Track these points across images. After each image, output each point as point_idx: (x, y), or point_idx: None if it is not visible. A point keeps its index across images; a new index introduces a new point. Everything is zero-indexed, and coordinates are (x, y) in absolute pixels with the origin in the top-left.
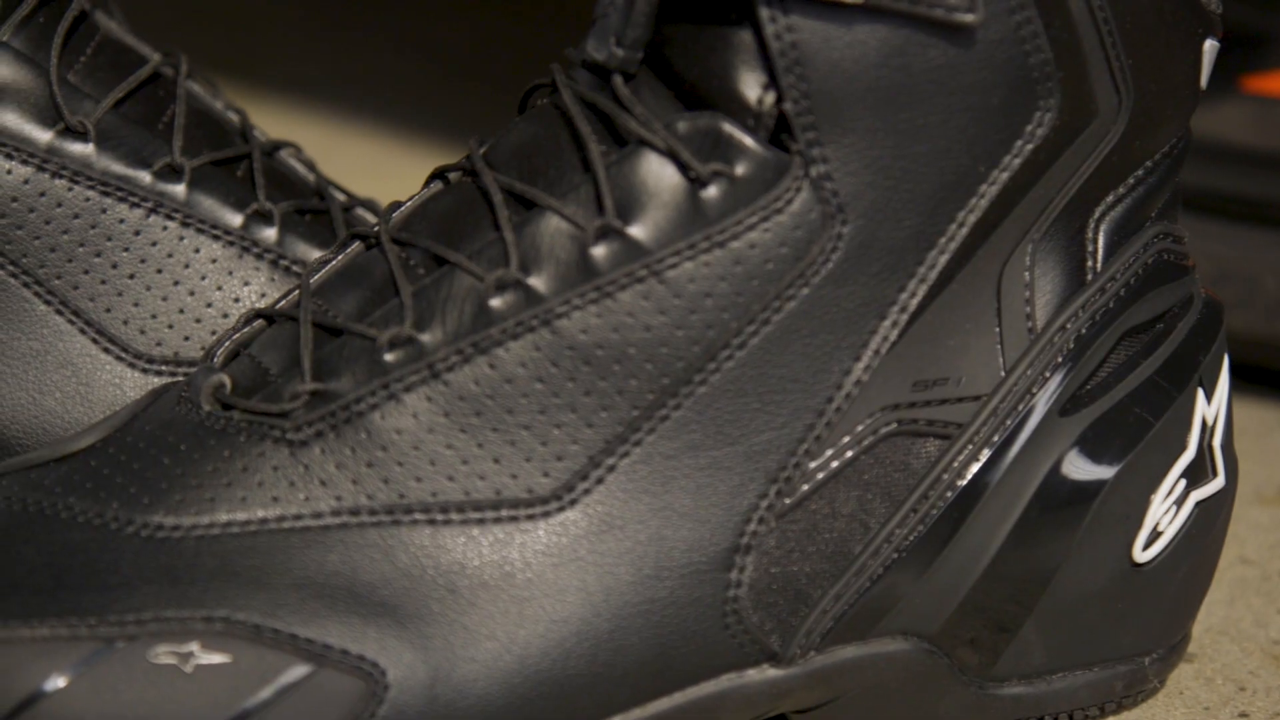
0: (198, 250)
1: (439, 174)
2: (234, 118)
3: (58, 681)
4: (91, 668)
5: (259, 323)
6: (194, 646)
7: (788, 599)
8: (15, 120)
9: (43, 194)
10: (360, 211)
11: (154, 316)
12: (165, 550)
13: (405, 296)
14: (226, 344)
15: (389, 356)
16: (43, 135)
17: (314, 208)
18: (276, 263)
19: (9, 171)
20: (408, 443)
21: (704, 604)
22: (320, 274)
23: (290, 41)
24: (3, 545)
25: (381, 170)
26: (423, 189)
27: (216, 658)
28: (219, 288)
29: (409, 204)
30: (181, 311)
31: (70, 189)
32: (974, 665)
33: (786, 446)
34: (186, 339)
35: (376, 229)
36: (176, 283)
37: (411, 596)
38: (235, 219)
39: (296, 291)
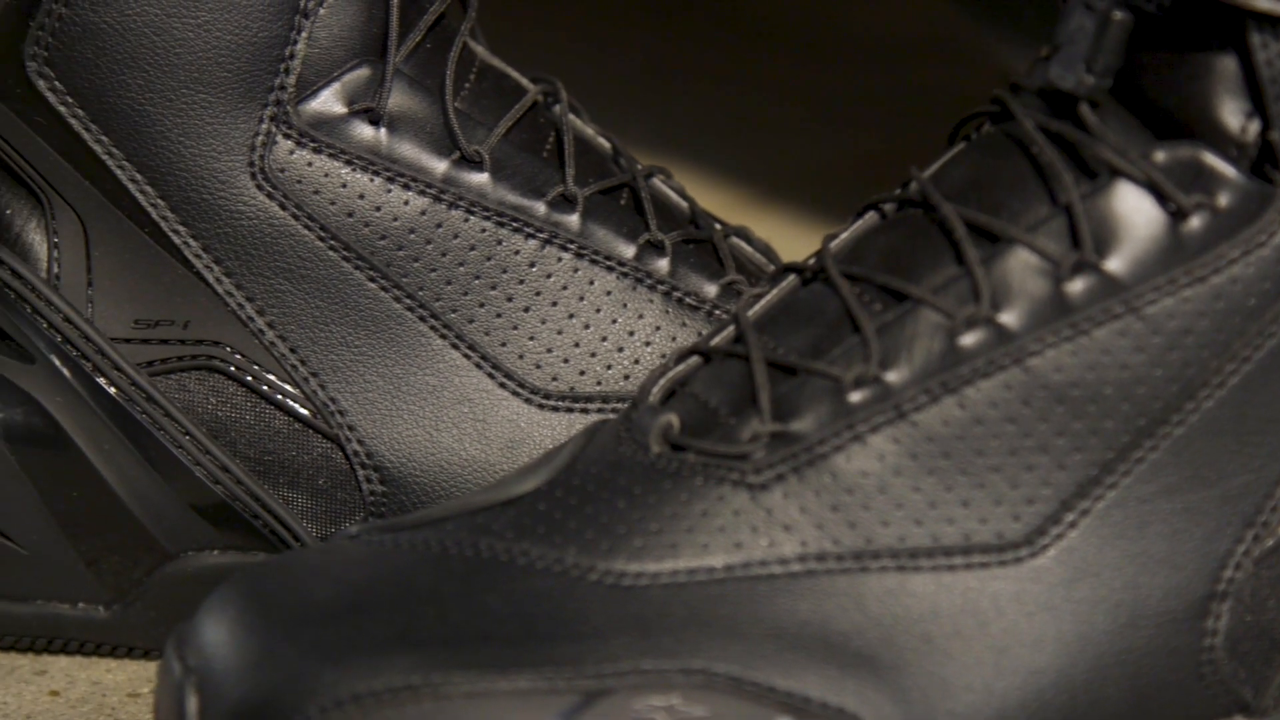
0: (592, 282)
1: (872, 205)
2: (605, 144)
3: None
4: None
5: (694, 359)
6: (675, 700)
7: (1262, 648)
8: (412, 150)
9: (439, 225)
10: (735, 240)
11: (549, 351)
12: (633, 599)
13: (868, 334)
14: (661, 381)
15: (854, 396)
16: (439, 165)
17: (696, 236)
18: (669, 294)
19: (406, 203)
20: (873, 486)
21: (1180, 653)
22: (757, 309)
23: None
24: (466, 593)
25: None
26: (855, 220)
27: (697, 711)
28: (613, 321)
29: (845, 236)
30: (576, 345)
31: (466, 220)
32: None
33: (1263, 489)
34: (582, 374)
35: (814, 262)
36: (571, 316)
37: (887, 646)
38: (628, 250)
39: (731, 327)
